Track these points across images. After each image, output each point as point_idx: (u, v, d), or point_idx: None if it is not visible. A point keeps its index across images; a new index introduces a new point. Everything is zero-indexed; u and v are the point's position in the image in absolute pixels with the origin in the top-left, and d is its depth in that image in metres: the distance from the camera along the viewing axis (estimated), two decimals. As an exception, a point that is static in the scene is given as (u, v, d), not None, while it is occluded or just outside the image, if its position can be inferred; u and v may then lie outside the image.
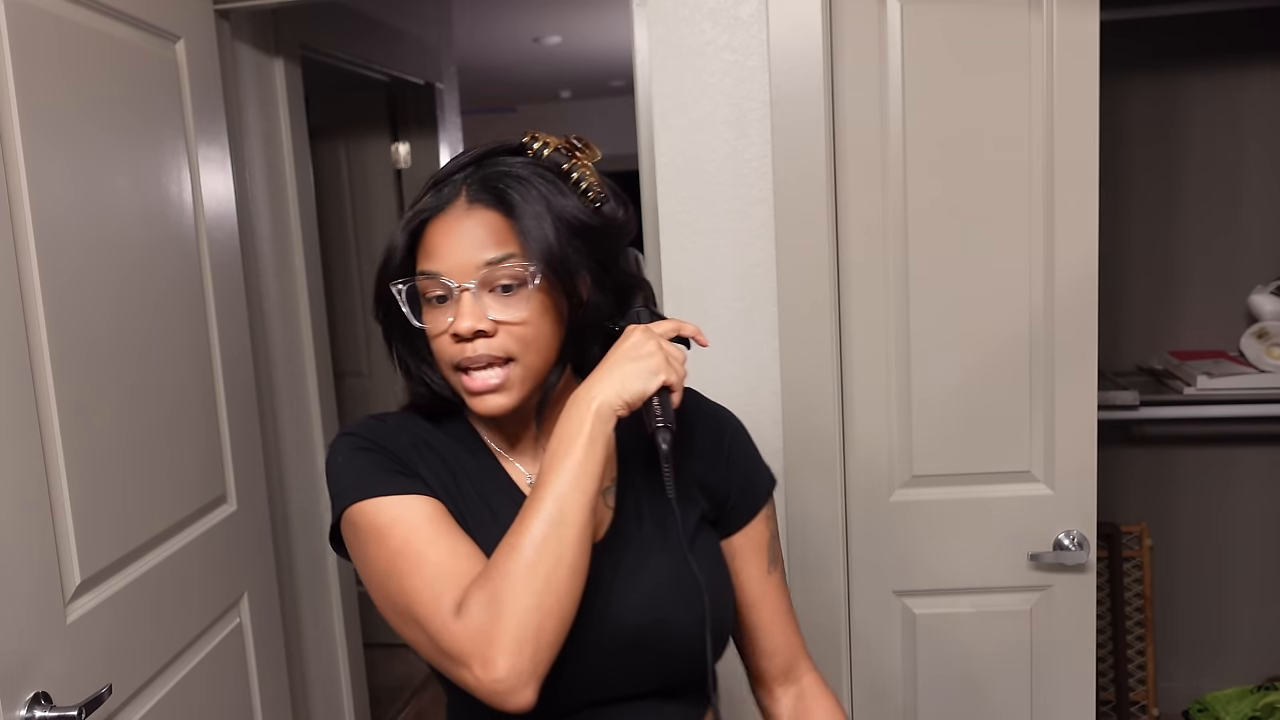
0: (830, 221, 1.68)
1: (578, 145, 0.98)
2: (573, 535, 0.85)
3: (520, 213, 0.92)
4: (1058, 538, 1.72)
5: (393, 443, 0.98)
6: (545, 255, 0.91)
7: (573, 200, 0.94)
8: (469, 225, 0.92)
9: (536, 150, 0.97)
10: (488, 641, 0.82)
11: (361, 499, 0.93)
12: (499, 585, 0.83)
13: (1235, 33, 2.58)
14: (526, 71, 6.04)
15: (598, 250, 0.96)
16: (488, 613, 0.83)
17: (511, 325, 0.92)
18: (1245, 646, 2.77)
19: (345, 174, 3.53)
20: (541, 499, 0.86)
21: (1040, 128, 1.63)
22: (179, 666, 1.54)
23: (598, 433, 0.87)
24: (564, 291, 0.94)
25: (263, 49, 2.18)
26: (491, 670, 0.82)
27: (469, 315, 0.91)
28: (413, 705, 3.28)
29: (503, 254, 0.91)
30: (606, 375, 0.89)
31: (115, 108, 1.45)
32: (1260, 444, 2.71)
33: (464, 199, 0.94)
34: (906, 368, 1.72)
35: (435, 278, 0.93)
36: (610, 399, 0.88)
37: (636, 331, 0.92)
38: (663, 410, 0.89)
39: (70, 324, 1.30)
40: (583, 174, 0.96)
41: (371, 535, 0.92)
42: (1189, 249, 2.70)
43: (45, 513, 1.23)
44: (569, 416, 0.88)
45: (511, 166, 0.95)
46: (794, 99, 1.66)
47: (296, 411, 2.29)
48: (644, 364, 0.89)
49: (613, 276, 0.99)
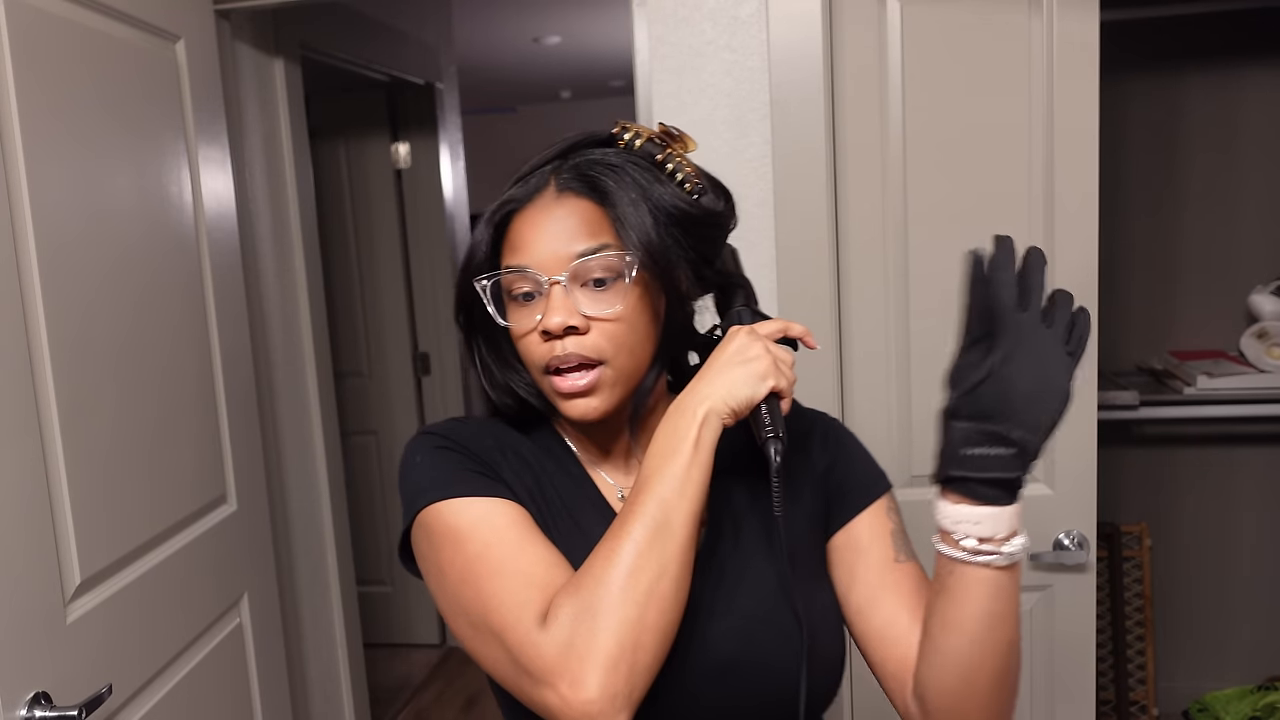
0: (830, 221, 1.68)
1: (672, 134, 0.91)
2: (677, 545, 0.77)
3: (615, 200, 0.85)
4: (1058, 538, 1.72)
5: (476, 444, 0.91)
6: (644, 244, 0.84)
7: (670, 189, 0.87)
8: (559, 215, 0.86)
9: (628, 141, 0.90)
10: (579, 657, 0.73)
11: (439, 500, 0.85)
12: (594, 594, 0.75)
13: (1235, 33, 2.58)
14: (526, 71, 6.04)
15: (698, 243, 0.89)
16: (580, 624, 0.74)
17: (605, 322, 0.85)
18: (1245, 646, 2.77)
19: (345, 174, 3.53)
20: (644, 504, 0.78)
21: (1040, 128, 1.63)
22: (179, 666, 1.54)
23: (705, 440, 0.80)
24: (662, 286, 0.87)
25: (263, 49, 2.18)
26: (581, 689, 0.73)
27: (559, 310, 0.84)
28: (413, 705, 3.28)
29: (596, 245, 0.85)
30: (712, 380, 0.82)
31: (115, 108, 1.44)
32: (1260, 444, 2.71)
33: (553, 188, 0.87)
34: (906, 367, 1.72)
35: (523, 272, 0.86)
36: (717, 405, 0.80)
37: (741, 333, 0.84)
38: (772, 419, 0.82)
39: (70, 324, 1.30)
40: (678, 164, 0.90)
41: (448, 539, 0.84)
42: (1189, 249, 2.70)
43: (45, 513, 1.23)
44: (674, 421, 0.81)
45: (603, 155, 0.89)
46: (794, 99, 1.66)
47: (296, 411, 2.29)
48: (751, 368, 0.81)
49: (713, 273, 0.92)
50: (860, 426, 1.74)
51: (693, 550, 0.79)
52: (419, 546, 0.88)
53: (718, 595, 0.87)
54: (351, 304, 3.57)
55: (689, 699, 0.84)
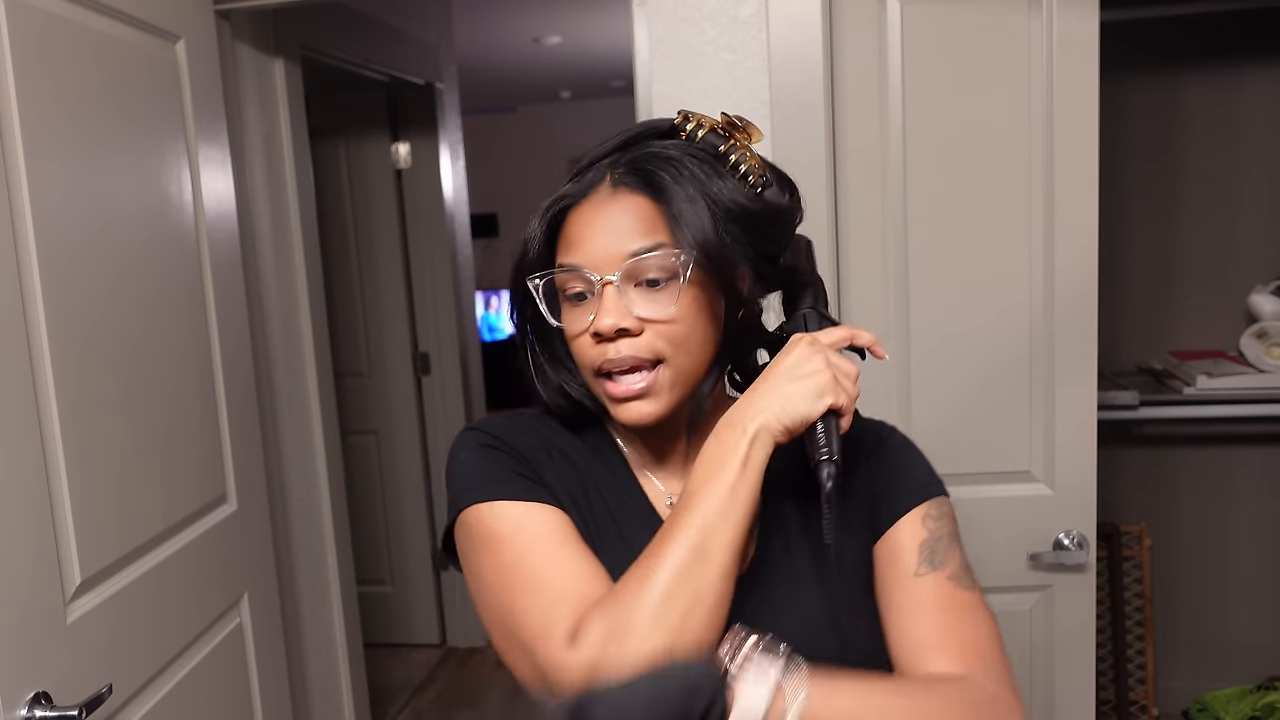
0: (830, 221, 1.68)
1: (737, 125, 0.87)
2: (716, 572, 0.74)
3: (671, 196, 0.82)
4: (1058, 538, 1.72)
5: (521, 443, 0.89)
6: (700, 244, 0.81)
7: (730, 184, 0.84)
8: (614, 212, 0.83)
9: (690, 132, 0.87)
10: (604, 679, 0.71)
11: (480, 501, 0.83)
12: (624, 616, 0.72)
13: (1234, 33, 2.58)
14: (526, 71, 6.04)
15: (760, 240, 0.85)
16: (609, 646, 0.71)
17: (660, 324, 0.82)
18: (1245, 646, 2.77)
19: (345, 174, 3.53)
20: (685, 524, 0.75)
21: (1040, 128, 1.63)
22: (179, 666, 1.54)
23: (754, 459, 0.76)
24: (720, 286, 0.83)
25: (263, 49, 2.18)
26: None
27: (611, 312, 0.81)
28: (413, 705, 3.28)
29: (651, 243, 0.82)
30: (766, 394, 0.78)
31: (116, 108, 1.44)
32: (1260, 444, 2.71)
33: (608, 183, 0.85)
34: (906, 367, 1.72)
35: (576, 271, 0.83)
36: (769, 422, 0.77)
37: (802, 343, 0.80)
38: (827, 439, 0.77)
39: (70, 324, 1.30)
40: (742, 156, 0.86)
41: (487, 543, 0.82)
42: (1189, 249, 2.70)
43: (45, 513, 1.23)
44: (722, 437, 0.78)
45: (662, 149, 0.85)
46: (794, 99, 1.66)
47: (296, 411, 2.29)
48: (809, 384, 0.77)
49: (778, 271, 0.89)
50: (860, 426, 1.74)
51: (734, 576, 0.76)
52: (460, 546, 0.87)
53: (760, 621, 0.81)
54: (351, 304, 3.57)
55: None
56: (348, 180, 3.53)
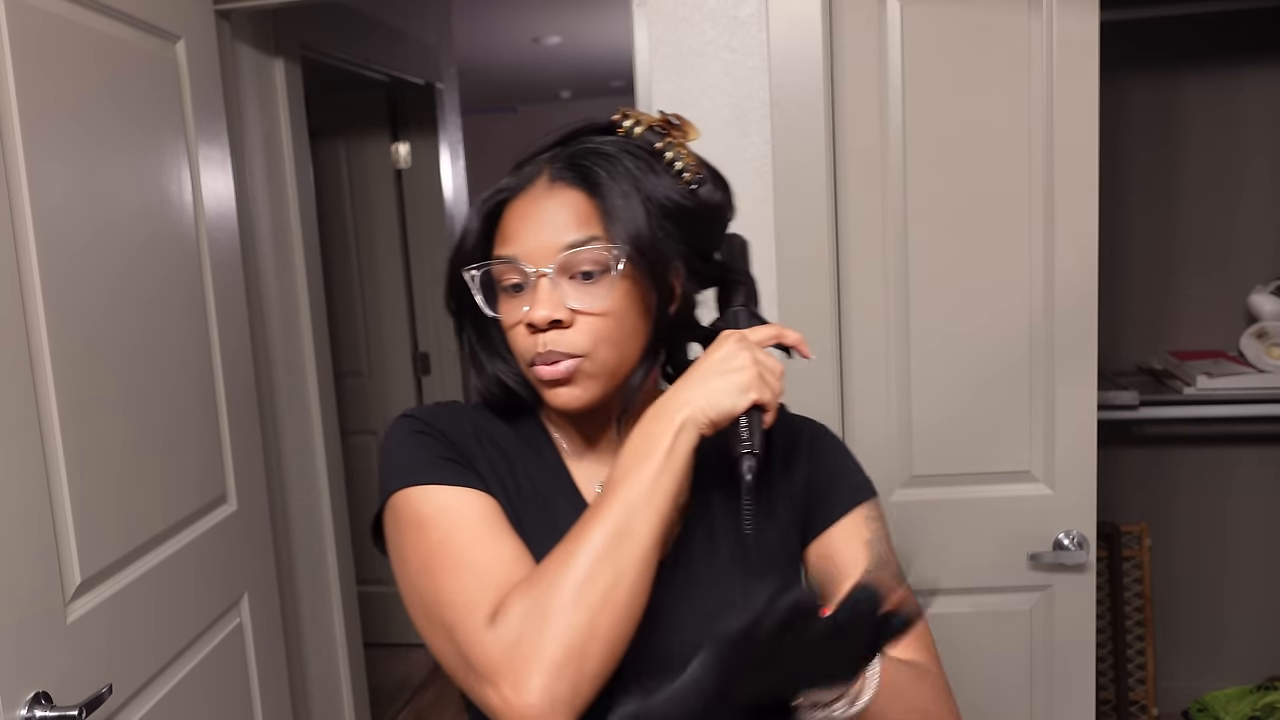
0: (830, 221, 1.68)
1: (673, 123, 0.90)
2: (638, 553, 0.76)
3: (606, 191, 0.84)
4: (1058, 538, 1.72)
5: (454, 430, 0.90)
6: (633, 238, 0.83)
7: (665, 180, 0.86)
8: (550, 206, 0.85)
9: (628, 129, 0.89)
10: (524, 658, 0.72)
11: (409, 485, 0.85)
12: (544, 596, 0.74)
13: (1235, 33, 2.58)
14: (526, 71, 6.03)
15: (693, 237, 0.88)
16: (528, 625, 0.73)
17: (592, 316, 0.84)
18: (1245, 646, 2.77)
19: (345, 174, 3.53)
20: (608, 508, 0.77)
21: (1040, 128, 1.63)
22: (179, 666, 1.54)
23: (679, 448, 0.78)
24: (652, 281, 0.85)
25: (263, 49, 2.18)
26: (523, 692, 0.72)
27: (545, 304, 0.83)
28: (413, 705, 3.28)
29: (585, 236, 0.83)
30: (694, 387, 0.80)
31: (115, 108, 1.44)
32: (1260, 444, 2.71)
33: (545, 178, 0.86)
34: (906, 368, 1.72)
35: (511, 262, 0.85)
36: (695, 414, 0.79)
37: (730, 340, 0.82)
38: (750, 433, 0.80)
39: (70, 324, 1.30)
40: (678, 153, 0.88)
41: (413, 525, 0.83)
42: (1189, 249, 2.70)
43: (45, 513, 1.23)
44: (649, 426, 0.80)
45: (599, 145, 0.87)
46: (794, 99, 1.66)
47: (296, 411, 2.29)
48: (734, 379, 0.79)
49: (711, 268, 0.91)
50: (860, 427, 1.75)
51: (655, 559, 0.78)
52: (387, 529, 0.88)
53: (682, 605, 0.86)
54: (351, 304, 3.57)
55: None
56: (348, 180, 3.53)
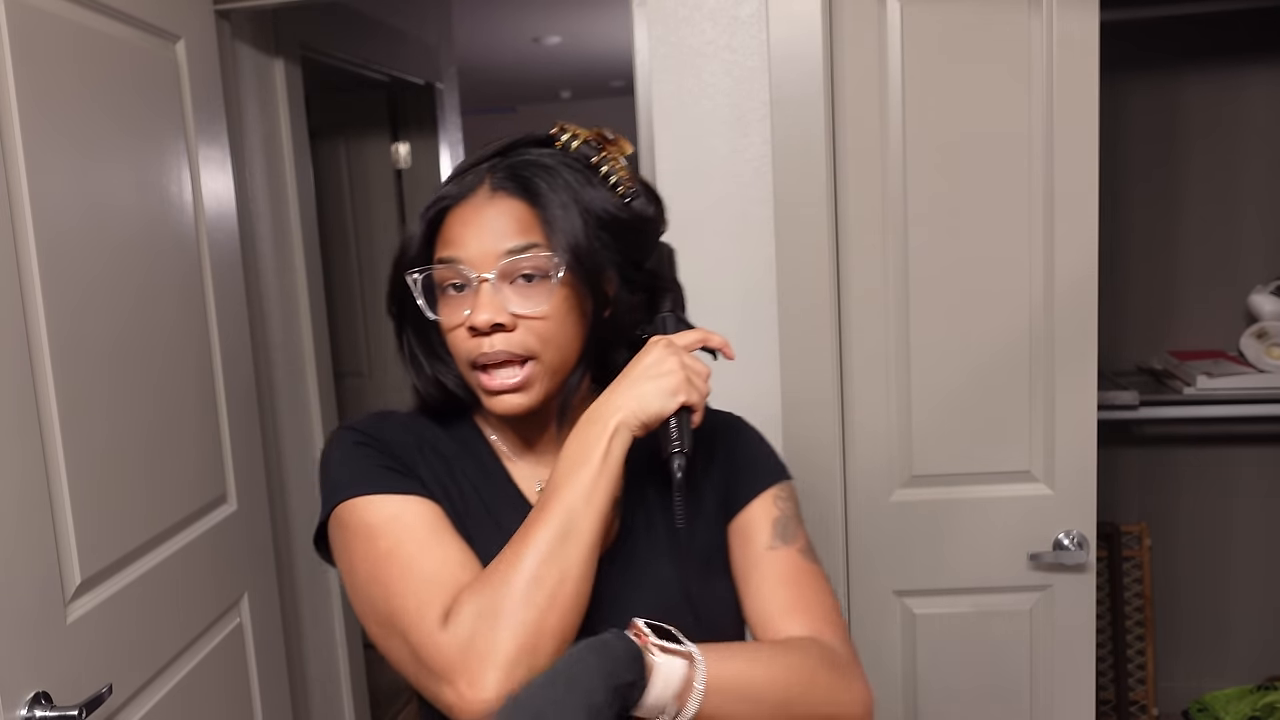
0: (830, 221, 1.68)
1: (608, 138, 0.94)
2: (580, 551, 0.80)
3: (546, 202, 0.88)
4: (1058, 538, 1.72)
5: (394, 440, 0.93)
6: (571, 247, 0.87)
7: (601, 193, 0.90)
8: (491, 214, 0.88)
9: (565, 142, 0.92)
10: (479, 657, 0.76)
11: (354, 496, 0.88)
12: (495, 596, 0.78)
13: (1235, 33, 2.58)
14: (526, 71, 6.03)
15: (626, 247, 0.91)
16: (480, 624, 0.77)
17: (532, 320, 0.87)
18: (1245, 646, 2.77)
19: (345, 174, 3.53)
20: (550, 510, 0.81)
21: (1040, 128, 1.63)
22: (179, 666, 1.54)
23: (614, 451, 0.83)
24: (589, 287, 0.89)
25: (263, 49, 2.18)
26: (479, 689, 0.75)
27: (487, 307, 0.86)
28: (412, 705, 3.28)
29: (525, 243, 0.87)
30: (625, 392, 0.85)
31: (115, 108, 1.44)
32: (1260, 444, 2.71)
33: (487, 187, 0.90)
34: (906, 368, 1.72)
35: (453, 265, 0.88)
36: (628, 418, 0.84)
37: (659, 345, 0.87)
38: (679, 433, 0.85)
39: (70, 324, 1.30)
40: (613, 167, 0.92)
41: (360, 535, 0.86)
42: (1189, 249, 2.70)
43: (45, 513, 1.23)
44: (585, 431, 0.84)
45: (538, 156, 0.91)
46: (794, 99, 1.66)
47: (296, 411, 2.29)
48: (663, 383, 0.84)
49: (642, 277, 0.95)
50: (860, 427, 1.75)
51: (596, 556, 0.82)
52: (334, 541, 0.91)
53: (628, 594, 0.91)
54: (351, 304, 3.56)
55: None
56: (348, 180, 3.53)
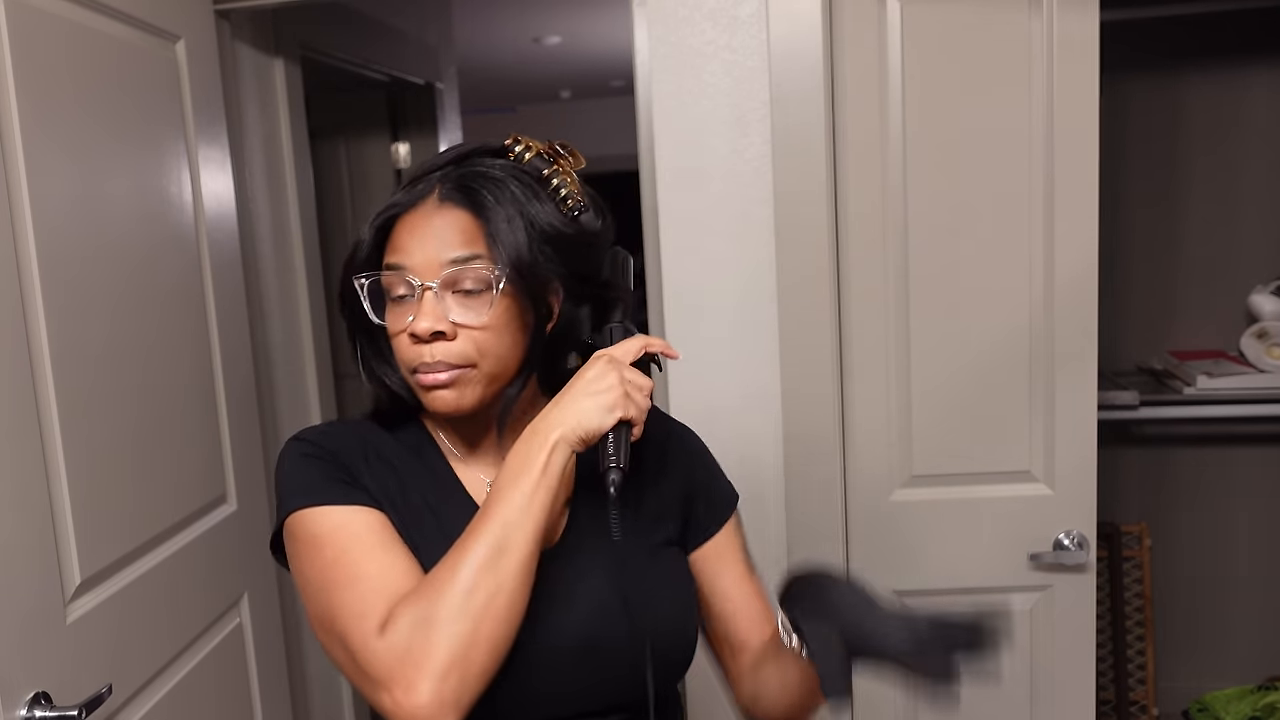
0: (830, 221, 1.68)
1: (560, 151, 0.96)
2: (515, 564, 0.82)
3: (491, 214, 0.89)
4: (1058, 538, 1.72)
5: (341, 450, 0.95)
6: (513, 260, 0.89)
7: (548, 207, 0.92)
8: (438, 223, 0.90)
9: (518, 154, 0.95)
10: (414, 664, 0.78)
11: (303, 507, 0.90)
12: (431, 607, 0.80)
13: (1235, 33, 2.58)
14: (526, 71, 6.03)
15: (572, 260, 0.93)
16: (415, 634, 0.79)
17: (472, 330, 0.89)
18: (1245, 646, 2.77)
19: (345, 174, 3.52)
20: (487, 524, 0.83)
21: (1040, 128, 1.63)
22: (179, 666, 1.54)
23: (553, 465, 0.85)
24: (531, 300, 0.91)
25: (263, 49, 2.18)
26: (413, 695, 0.78)
27: (428, 316, 0.88)
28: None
29: (469, 254, 0.89)
30: (566, 408, 0.86)
31: (115, 108, 1.44)
32: (1260, 444, 2.71)
33: (436, 197, 0.91)
34: (906, 368, 1.72)
35: (399, 272, 0.90)
36: (567, 434, 0.85)
37: (600, 361, 0.88)
38: (615, 449, 0.86)
39: (71, 324, 1.30)
40: (563, 180, 0.93)
41: (308, 545, 0.89)
42: (1189, 249, 2.70)
43: (45, 513, 1.23)
44: (526, 445, 0.86)
45: (489, 168, 0.92)
46: (794, 99, 1.66)
47: (296, 412, 2.29)
48: (601, 399, 0.85)
49: (591, 288, 0.96)
50: (860, 427, 1.75)
51: (533, 568, 0.84)
52: (288, 549, 0.93)
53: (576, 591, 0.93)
54: (351, 304, 3.56)
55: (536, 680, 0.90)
56: (348, 180, 3.53)
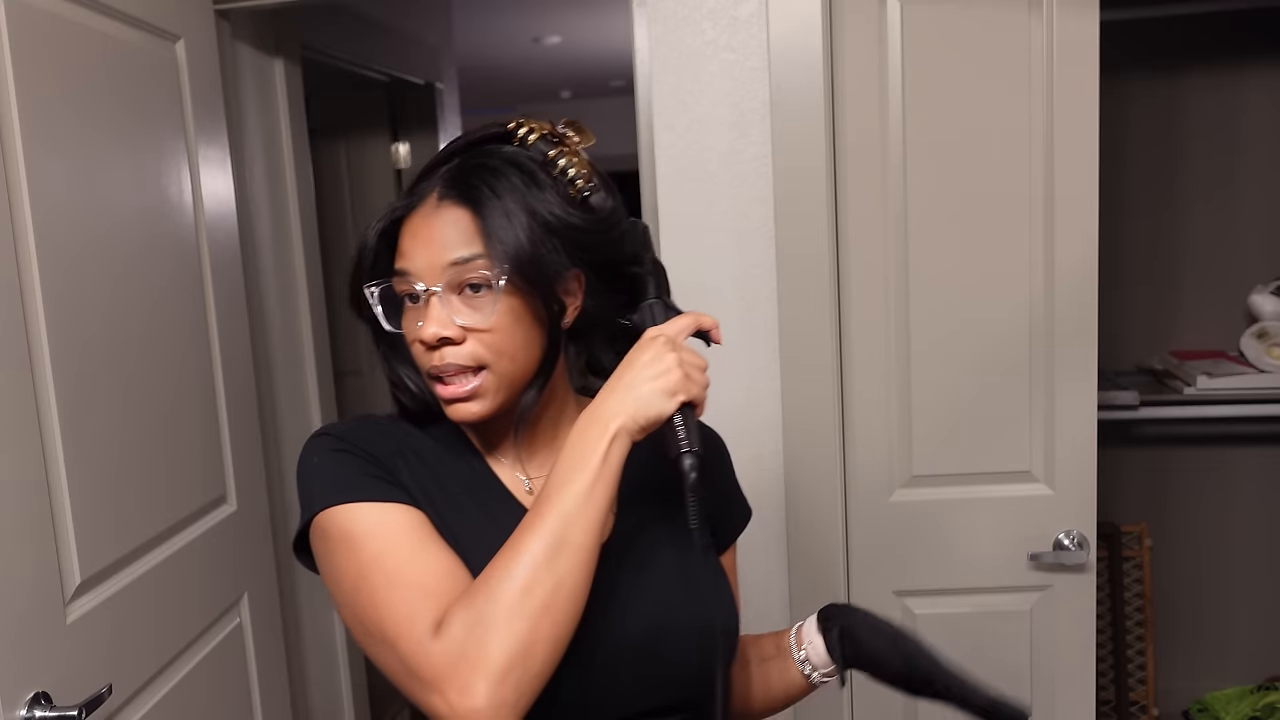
0: (830, 221, 1.68)
1: (566, 132, 0.91)
2: (575, 560, 0.78)
3: (488, 211, 0.85)
4: (1058, 538, 1.72)
5: (374, 446, 0.91)
6: (512, 256, 0.84)
7: (551, 195, 0.87)
8: (437, 224, 0.87)
9: (522, 137, 0.90)
10: (470, 666, 0.74)
11: (334, 504, 0.85)
12: (487, 606, 0.76)
13: (1235, 33, 2.58)
14: (526, 71, 6.03)
15: (586, 247, 0.89)
16: (471, 634, 0.75)
17: (480, 332, 0.86)
18: (1245, 646, 2.77)
19: (345, 174, 3.52)
20: (545, 518, 0.79)
21: (1040, 128, 1.63)
22: (179, 666, 1.54)
23: (613, 457, 0.80)
24: (539, 294, 0.87)
25: (263, 49, 2.18)
26: (469, 697, 0.74)
27: (434, 321, 0.85)
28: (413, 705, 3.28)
29: (469, 254, 0.85)
30: (623, 395, 0.82)
31: (115, 108, 1.44)
32: (1260, 444, 2.71)
33: (435, 196, 0.88)
34: (906, 368, 1.72)
35: (405, 277, 0.88)
36: (627, 423, 0.81)
37: (655, 343, 0.84)
38: (686, 432, 0.82)
39: (70, 324, 1.30)
40: (570, 162, 0.89)
41: (343, 543, 0.84)
42: (1189, 249, 2.70)
43: (45, 513, 1.23)
44: (583, 436, 0.81)
45: (490, 158, 0.89)
46: (794, 99, 1.66)
47: (296, 411, 2.29)
48: (661, 383, 0.81)
49: (617, 270, 0.92)
50: (860, 427, 1.75)
51: (593, 562, 0.80)
52: (316, 548, 0.88)
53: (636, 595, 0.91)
54: (351, 304, 3.56)
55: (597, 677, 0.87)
56: (348, 180, 3.53)
